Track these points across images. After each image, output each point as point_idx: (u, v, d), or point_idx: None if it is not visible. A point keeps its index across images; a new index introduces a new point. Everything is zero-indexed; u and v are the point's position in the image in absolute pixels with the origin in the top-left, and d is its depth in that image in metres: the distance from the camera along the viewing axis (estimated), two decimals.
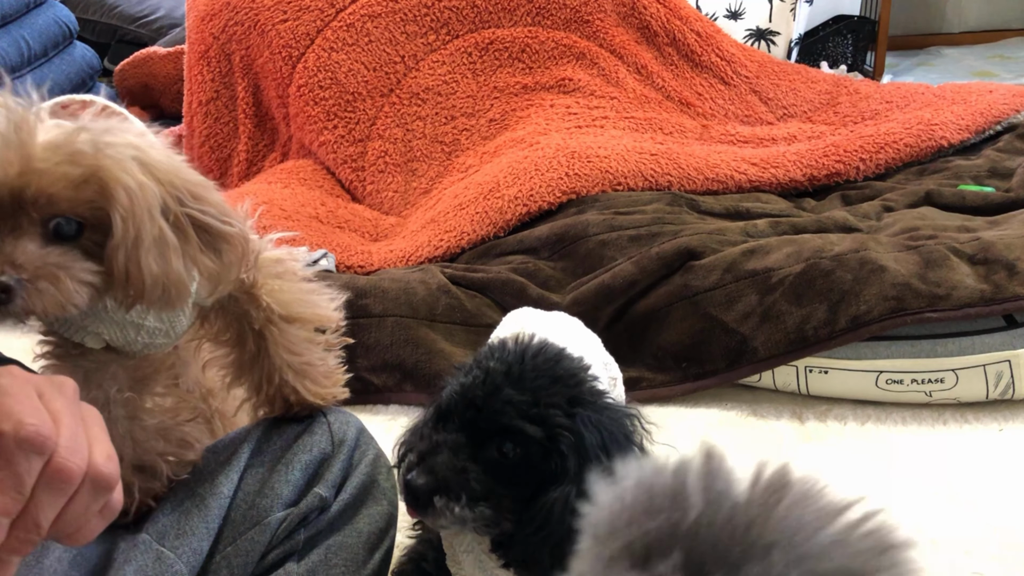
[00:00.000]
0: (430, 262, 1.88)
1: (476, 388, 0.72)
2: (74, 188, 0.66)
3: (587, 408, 0.73)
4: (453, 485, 0.71)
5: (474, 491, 0.71)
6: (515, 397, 0.71)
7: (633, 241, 1.73)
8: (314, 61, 2.34)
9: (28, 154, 0.65)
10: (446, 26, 2.43)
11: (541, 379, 0.72)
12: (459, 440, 0.72)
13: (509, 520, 0.73)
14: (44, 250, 0.67)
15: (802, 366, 1.53)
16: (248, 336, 0.98)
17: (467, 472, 0.71)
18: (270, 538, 0.84)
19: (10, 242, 0.66)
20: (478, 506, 0.72)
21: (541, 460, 0.71)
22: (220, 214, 0.76)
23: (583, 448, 0.70)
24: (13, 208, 0.66)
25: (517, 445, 0.71)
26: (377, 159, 2.32)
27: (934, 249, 1.58)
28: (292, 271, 0.96)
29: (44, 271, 0.66)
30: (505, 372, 0.72)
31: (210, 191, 0.77)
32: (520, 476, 0.71)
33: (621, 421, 0.75)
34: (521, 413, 0.70)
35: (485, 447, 0.72)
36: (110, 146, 0.68)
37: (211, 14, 2.43)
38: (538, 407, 0.71)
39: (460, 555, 0.85)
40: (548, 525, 0.70)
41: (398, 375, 1.60)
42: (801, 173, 2.09)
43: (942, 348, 1.49)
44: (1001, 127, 2.29)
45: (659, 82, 2.52)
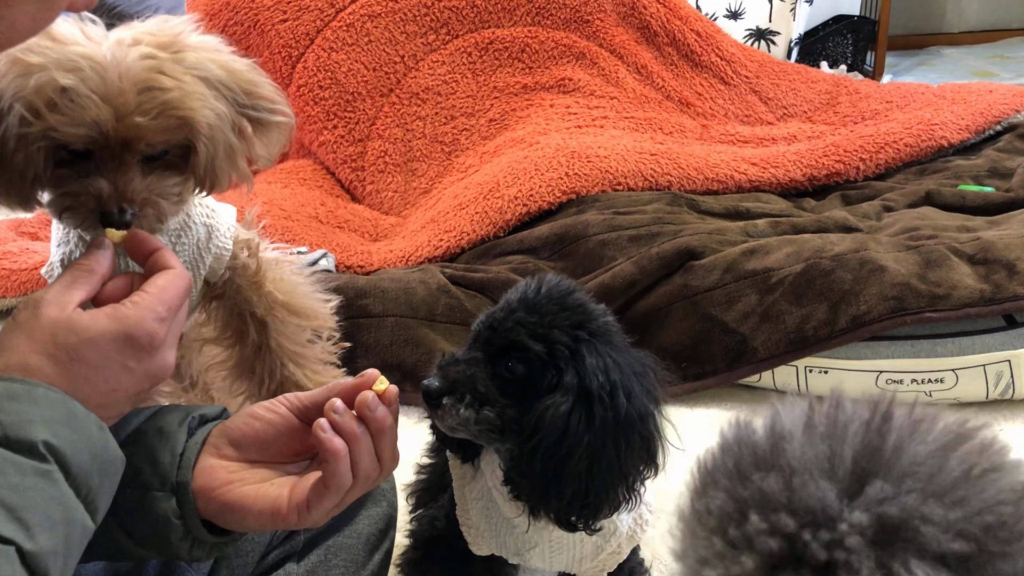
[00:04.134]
0: (430, 262, 1.88)
1: (496, 313, 0.80)
2: (169, 132, 0.80)
3: (596, 337, 0.79)
4: (460, 387, 0.78)
5: (479, 393, 0.78)
6: (525, 319, 0.78)
7: (633, 241, 1.73)
8: (314, 61, 2.34)
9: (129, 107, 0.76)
10: (446, 26, 2.43)
11: (551, 305, 0.79)
12: (476, 356, 0.79)
13: (512, 431, 0.79)
14: (145, 182, 0.80)
15: (802, 366, 1.53)
16: (250, 328, 1.02)
17: (475, 378, 0.78)
18: (270, 539, 0.84)
19: (120, 178, 0.79)
20: (483, 409, 0.78)
21: (542, 375, 0.77)
22: (270, 104, 0.91)
23: (582, 368, 0.76)
24: (118, 148, 0.78)
25: (521, 361, 0.77)
26: (377, 159, 2.32)
27: (934, 249, 1.58)
28: (291, 268, 1.03)
29: (148, 200, 0.80)
30: (520, 299, 0.80)
31: (261, 84, 0.91)
32: (525, 392, 0.78)
33: (630, 357, 0.80)
34: (528, 332, 0.77)
35: (496, 363, 0.79)
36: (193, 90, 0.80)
37: (211, 14, 2.43)
38: (543, 327, 0.77)
39: (469, 503, 0.89)
40: (540, 431, 0.76)
41: (398, 375, 1.60)
42: (801, 173, 2.09)
43: (942, 348, 1.49)
44: (1001, 127, 2.29)
45: (659, 82, 2.52)
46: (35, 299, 0.63)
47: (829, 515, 0.40)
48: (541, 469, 0.77)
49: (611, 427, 0.76)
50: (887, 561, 0.38)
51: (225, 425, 0.70)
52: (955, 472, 0.41)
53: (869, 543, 0.39)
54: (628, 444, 0.77)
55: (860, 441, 0.42)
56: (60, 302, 0.63)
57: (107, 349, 0.61)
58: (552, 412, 0.76)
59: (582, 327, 0.79)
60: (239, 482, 0.67)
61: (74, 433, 0.57)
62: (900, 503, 0.39)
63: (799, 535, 0.40)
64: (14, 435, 0.55)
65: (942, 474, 0.40)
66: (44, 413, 0.56)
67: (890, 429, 0.42)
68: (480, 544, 0.91)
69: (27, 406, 0.56)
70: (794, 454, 0.43)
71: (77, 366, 0.60)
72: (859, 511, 0.39)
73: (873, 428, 0.42)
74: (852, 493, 0.40)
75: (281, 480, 0.68)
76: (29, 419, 0.55)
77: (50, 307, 0.62)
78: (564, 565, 0.92)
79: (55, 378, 0.59)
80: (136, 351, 0.62)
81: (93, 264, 0.67)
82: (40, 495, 0.54)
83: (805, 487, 0.41)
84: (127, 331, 0.62)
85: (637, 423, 0.77)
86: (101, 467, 0.59)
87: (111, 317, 0.62)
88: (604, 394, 0.76)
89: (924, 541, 0.38)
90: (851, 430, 0.43)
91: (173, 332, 0.66)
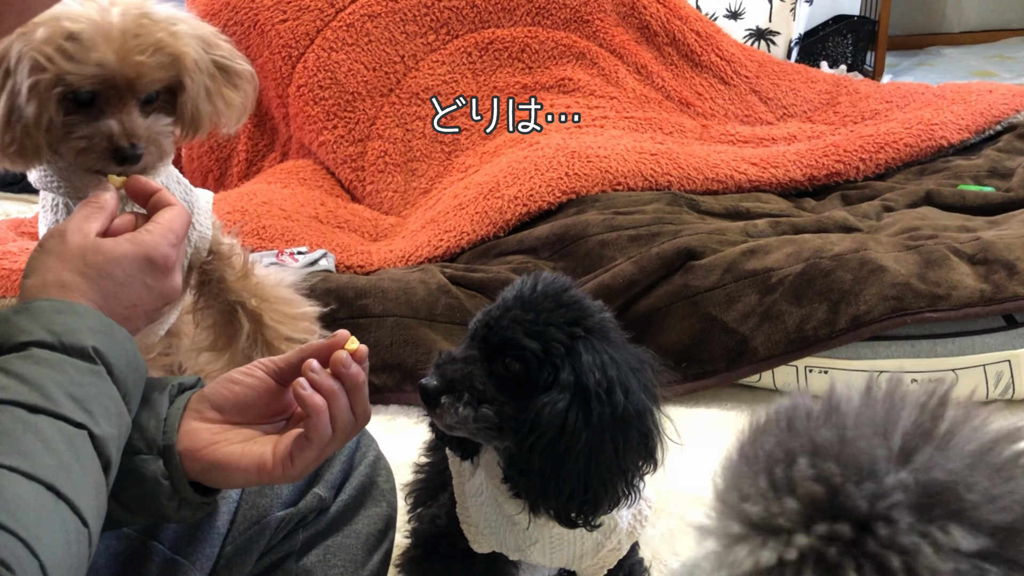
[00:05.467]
0: (430, 262, 1.88)
1: (492, 311, 0.81)
2: (164, 69, 0.90)
3: (592, 334, 0.79)
4: (458, 386, 0.79)
5: (477, 391, 0.79)
6: (521, 316, 0.78)
7: (633, 241, 1.73)
8: (314, 61, 2.34)
9: (129, 48, 0.86)
10: (446, 26, 2.43)
11: (547, 303, 0.79)
12: (473, 354, 0.80)
13: (511, 429, 0.79)
14: (146, 121, 0.91)
15: (802, 366, 1.53)
16: (244, 322, 1.04)
17: (472, 376, 0.79)
18: (269, 538, 0.84)
19: (125, 118, 0.89)
20: (481, 407, 0.79)
21: (539, 373, 0.78)
22: (232, 55, 1.00)
23: (579, 365, 0.77)
24: (123, 90, 0.88)
25: (517, 359, 0.78)
26: (377, 159, 2.32)
27: (934, 249, 1.58)
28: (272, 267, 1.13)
29: (151, 138, 0.91)
30: (516, 296, 0.80)
31: (219, 37, 1.00)
32: (522, 389, 0.78)
33: (627, 353, 0.80)
34: (524, 330, 0.78)
35: (493, 361, 0.79)
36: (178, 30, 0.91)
37: (211, 14, 2.43)
38: (539, 325, 0.78)
39: (469, 500, 0.90)
40: (538, 428, 0.76)
41: (398, 375, 1.60)
42: (801, 173, 2.09)
43: (942, 348, 1.49)
44: (1001, 127, 2.29)
45: (659, 82, 2.52)
46: (59, 229, 0.71)
47: (876, 471, 0.40)
48: (540, 467, 0.77)
49: (608, 424, 0.76)
50: (926, 523, 0.39)
51: (204, 391, 0.73)
52: (1005, 454, 0.41)
53: (912, 505, 0.39)
54: (626, 440, 0.77)
55: (915, 418, 0.43)
56: (82, 231, 0.71)
57: (130, 268, 0.70)
58: (549, 409, 0.76)
59: (578, 324, 0.79)
60: (224, 442, 0.70)
61: (113, 341, 0.65)
62: (947, 469, 0.40)
63: (843, 486, 0.40)
64: (69, 342, 0.62)
65: (992, 454, 0.41)
66: (88, 323, 0.64)
67: (944, 414, 0.43)
68: (480, 542, 0.91)
69: (73, 318, 0.64)
70: (850, 414, 0.43)
71: (105, 282, 0.69)
72: (906, 472, 0.40)
73: (928, 409, 0.43)
74: (901, 458, 0.41)
75: (263, 438, 0.71)
76: (77, 328, 0.63)
77: (75, 235, 0.71)
78: (565, 561, 0.92)
79: (88, 291, 0.68)
80: (154, 271, 0.72)
81: (103, 202, 0.75)
82: (98, 390, 0.62)
83: (857, 442, 0.42)
84: (147, 253, 0.71)
85: (635, 419, 0.77)
86: (133, 373, 0.67)
87: (131, 241, 0.71)
88: (601, 391, 0.76)
89: (965, 508, 0.39)
90: (908, 405, 0.44)
91: (180, 259, 0.75)
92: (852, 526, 0.40)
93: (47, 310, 0.64)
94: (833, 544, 0.40)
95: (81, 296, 0.67)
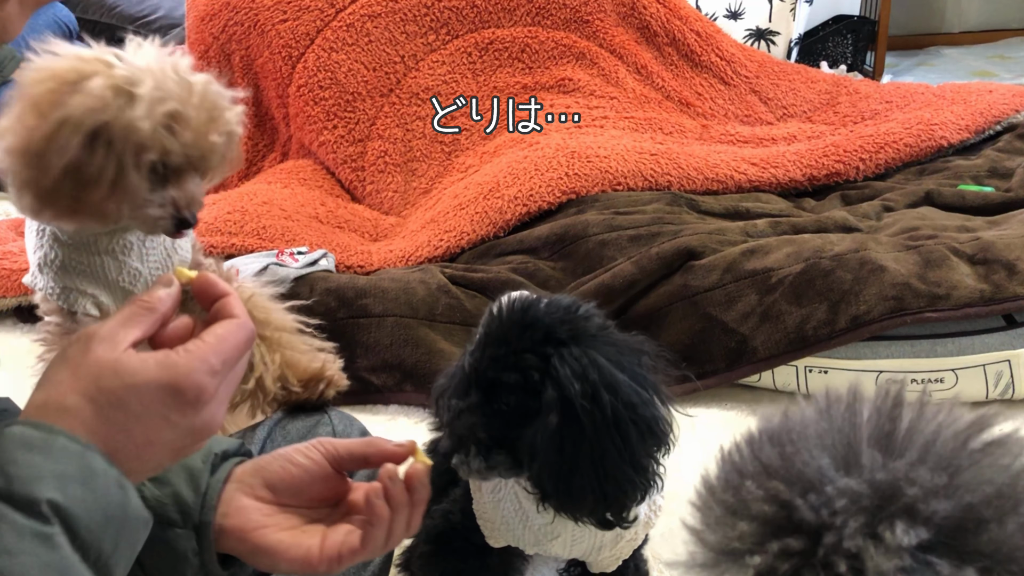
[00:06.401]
0: (430, 262, 1.88)
1: (475, 352, 0.80)
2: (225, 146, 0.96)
3: (565, 345, 0.78)
4: (464, 443, 0.79)
5: (483, 442, 0.78)
6: (496, 352, 0.78)
7: (633, 241, 1.73)
8: (314, 61, 2.34)
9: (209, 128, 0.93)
10: (446, 26, 2.43)
11: (513, 330, 0.78)
12: (473, 401, 0.79)
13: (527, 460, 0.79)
14: (199, 187, 0.96)
15: (802, 366, 1.53)
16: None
17: (475, 427, 0.78)
18: None
19: (190, 188, 0.95)
20: (491, 455, 0.79)
21: (528, 401, 0.78)
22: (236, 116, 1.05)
23: (557, 381, 0.76)
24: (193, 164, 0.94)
25: (509, 394, 0.78)
26: (377, 159, 2.32)
27: (934, 249, 1.58)
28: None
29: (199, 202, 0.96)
30: (486, 333, 0.80)
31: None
32: (523, 420, 0.78)
33: (608, 349, 0.79)
34: (500, 366, 0.78)
35: (493, 401, 0.79)
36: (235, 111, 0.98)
37: (211, 14, 2.43)
38: (512, 355, 0.77)
39: (486, 497, 0.91)
40: (538, 454, 0.77)
41: (398, 375, 1.60)
42: (801, 173, 2.09)
43: (942, 348, 1.49)
44: (1001, 127, 2.29)
45: (659, 82, 2.52)
46: (88, 333, 0.60)
47: (821, 482, 0.41)
48: (554, 488, 0.78)
49: (603, 427, 0.75)
50: (876, 524, 0.39)
51: (259, 466, 0.71)
52: (951, 444, 0.42)
53: (862, 509, 0.40)
54: (625, 437, 0.76)
55: (874, 424, 0.44)
56: (113, 340, 0.59)
57: (150, 399, 0.58)
58: (542, 433, 0.76)
59: (548, 341, 0.78)
60: (273, 527, 0.68)
61: (88, 491, 0.54)
62: (889, 468, 0.41)
63: (792, 501, 0.41)
64: (19, 491, 0.51)
65: (937, 445, 0.42)
66: (57, 467, 0.53)
67: (901, 415, 0.44)
68: (497, 537, 0.92)
69: (40, 458, 0.53)
70: (796, 430, 0.44)
71: (116, 413, 0.57)
72: (851, 478, 0.41)
73: (885, 413, 0.44)
74: (847, 465, 0.42)
75: (311, 528, 0.69)
76: (39, 474, 0.52)
77: (101, 344, 0.59)
78: (583, 552, 0.92)
79: (91, 422, 0.56)
80: (181, 404, 0.58)
81: (155, 302, 0.62)
82: (32, 561, 0.50)
83: (799, 456, 0.42)
84: (174, 382, 0.58)
85: (629, 414, 0.76)
86: (118, 528, 0.55)
87: (160, 364, 0.58)
88: (586, 400, 0.75)
89: (911, 504, 0.39)
90: (866, 412, 0.44)
91: (226, 387, 0.62)
92: (805, 538, 0.40)
93: (16, 441, 0.53)
94: (788, 559, 0.40)
95: (81, 427, 0.56)
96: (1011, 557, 0.39)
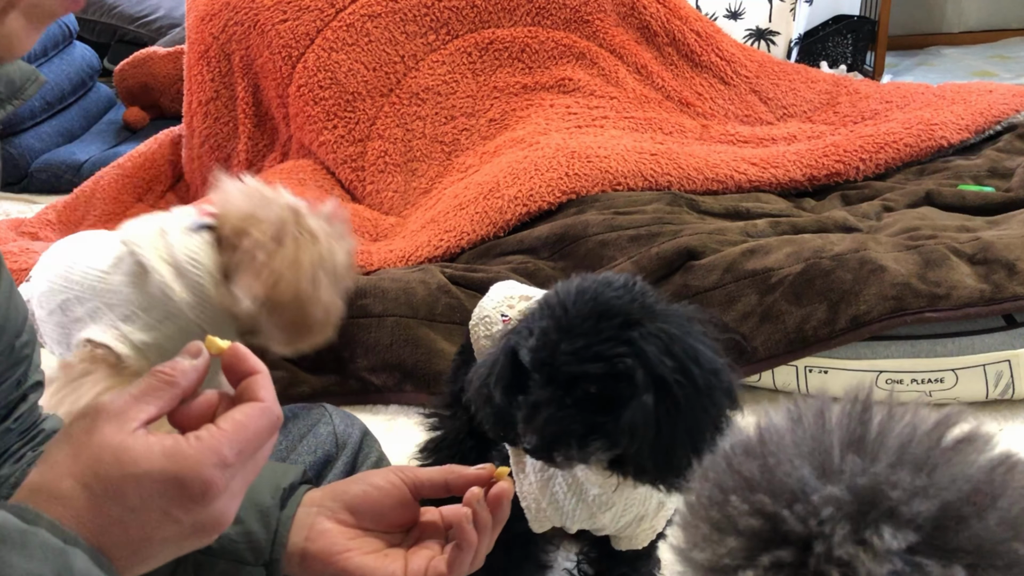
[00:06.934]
0: (430, 262, 1.88)
1: (540, 350, 0.79)
2: None
3: (642, 324, 0.79)
4: (561, 437, 0.78)
5: (579, 433, 0.78)
6: (570, 347, 0.77)
7: (633, 241, 1.73)
8: (314, 61, 2.34)
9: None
10: (446, 26, 2.43)
11: (587, 321, 0.78)
12: (551, 394, 0.79)
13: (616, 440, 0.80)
14: None
15: (802, 366, 1.53)
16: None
17: (565, 420, 0.78)
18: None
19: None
20: (590, 442, 0.79)
21: (616, 387, 0.78)
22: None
23: (647, 362, 0.77)
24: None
25: (591, 383, 0.77)
26: (377, 159, 2.32)
27: (934, 249, 1.58)
28: None
29: None
30: (556, 327, 0.79)
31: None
32: (611, 403, 0.79)
33: (675, 320, 0.81)
34: (580, 358, 0.77)
35: (572, 390, 0.78)
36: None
37: (211, 14, 2.43)
38: (591, 347, 0.77)
39: (532, 477, 0.91)
40: (637, 435, 0.77)
41: (398, 375, 1.60)
42: (801, 173, 2.09)
43: (942, 348, 1.49)
44: (1001, 127, 2.29)
45: (659, 82, 2.52)
46: (98, 408, 0.55)
47: (805, 492, 0.41)
48: (654, 463, 0.79)
49: (695, 397, 0.77)
50: (862, 529, 0.39)
51: (340, 490, 0.71)
52: (925, 444, 0.42)
53: (846, 515, 0.40)
54: (715, 402, 0.78)
55: (844, 429, 0.44)
56: (122, 418, 0.54)
57: (150, 492, 0.52)
58: (641, 415, 0.77)
59: (627, 326, 0.78)
60: (357, 551, 0.67)
61: None
62: (870, 472, 0.41)
63: (778, 513, 0.41)
64: None
65: (912, 445, 0.42)
66: (30, 567, 0.48)
67: (871, 418, 0.44)
68: (542, 520, 0.92)
69: (14, 555, 0.47)
70: (772, 442, 0.44)
71: (112, 505, 0.52)
72: (833, 485, 0.41)
73: (855, 417, 0.44)
74: (828, 473, 0.42)
75: (393, 552, 0.69)
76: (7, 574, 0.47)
77: (109, 423, 0.53)
78: (628, 523, 0.93)
79: (83, 512, 0.51)
80: (184, 500, 0.53)
81: (177, 376, 0.56)
82: None
83: (781, 467, 0.42)
84: (178, 475, 0.53)
85: (715, 380, 0.78)
86: None
87: (166, 454, 0.53)
88: (678, 376, 0.77)
89: (894, 507, 0.39)
90: (835, 418, 0.45)
91: (241, 480, 0.56)
92: (795, 549, 0.40)
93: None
94: (780, 571, 0.40)
95: (71, 517, 0.51)
96: (994, 551, 0.39)
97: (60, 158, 2.74)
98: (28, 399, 0.75)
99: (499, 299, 1.07)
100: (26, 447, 0.75)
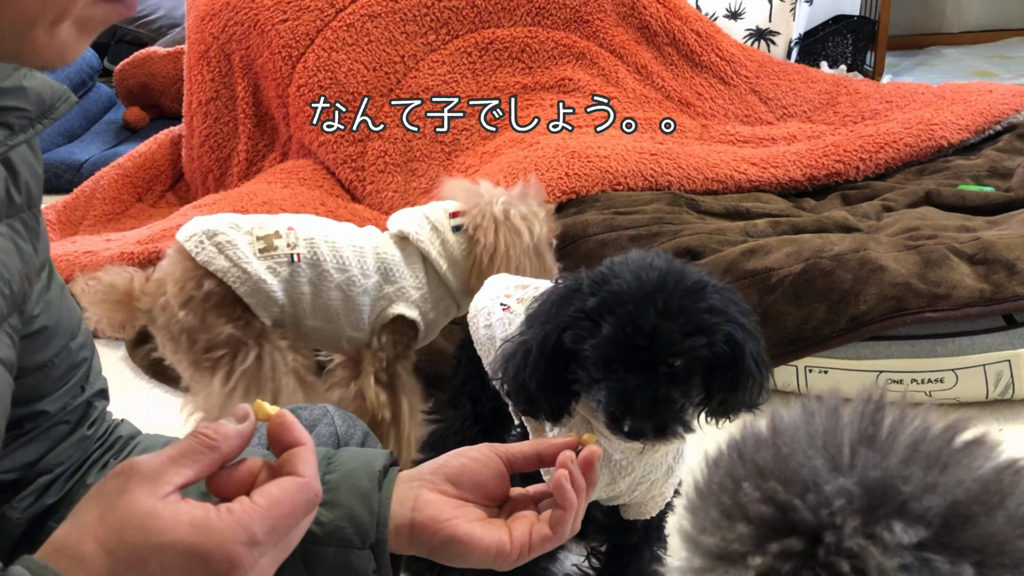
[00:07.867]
0: None
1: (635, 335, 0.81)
2: None
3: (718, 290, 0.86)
4: (672, 415, 0.83)
5: (683, 404, 0.84)
6: (673, 326, 0.81)
7: (633, 241, 1.73)
8: (314, 61, 2.34)
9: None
10: (446, 26, 2.43)
11: (683, 299, 0.82)
12: (643, 379, 0.82)
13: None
14: None
15: (802, 366, 1.53)
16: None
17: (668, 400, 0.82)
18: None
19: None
20: (690, 409, 0.85)
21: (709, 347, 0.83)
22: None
23: (736, 322, 0.84)
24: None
25: (677, 356, 0.82)
26: (377, 159, 2.32)
27: (934, 249, 1.58)
28: None
29: None
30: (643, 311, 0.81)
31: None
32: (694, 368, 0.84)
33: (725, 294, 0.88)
34: (685, 334, 0.81)
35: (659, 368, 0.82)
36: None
37: (211, 14, 2.43)
38: (691, 322, 0.81)
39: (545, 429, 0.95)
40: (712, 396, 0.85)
41: None
42: (801, 173, 2.09)
43: (942, 348, 1.49)
44: (1001, 127, 2.29)
45: (659, 82, 2.52)
46: (132, 466, 0.53)
47: (818, 482, 0.42)
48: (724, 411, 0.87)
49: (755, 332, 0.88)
50: (873, 524, 0.40)
51: (439, 464, 0.72)
52: (936, 443, 0.43)
53: (857, 508, 0.40)
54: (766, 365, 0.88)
55: (856, 425, 0.44)
56: (156, 480, 0.52)
57: (173, 564, 0.51)
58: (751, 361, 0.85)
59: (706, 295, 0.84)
60: (463, 518, 0.69)
61: None
62: (883, 467, 0.41)
63: (789, 502, 0.41)
64: None
65: (926, 445, 0.42)
66: None
67: (883, 417, 0.44)
68: None
69: None
70: (788, 432, 0.45)
71: (131, 573, 0.50)
72: (845, 478, 0.41)
73: (868, 415, 0.45)
74: (841, 465, 0.42)
75: (496, 521, 0.71)
76: None
77: (141, 486, 0.52)
78: (642, 489, 0.96)
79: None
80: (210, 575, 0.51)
81: (219, 440, 0.55)
82: None
83: (794, 457, 0.43)
84: (204, 550, 0.51)
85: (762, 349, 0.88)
86: None
87: (194, 525, 0.51)
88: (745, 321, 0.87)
89: (905, 501, 0.40)
90: (848, 414, 0.45)
91: (271, 559, 0.54)
92: (804, 539, 0.41)
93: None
94: (788, 560, 0.41)
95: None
96: (1002, 550, 0.39)
97: (60, 158, 2.74)
98: (95, 406, 0.76)
99: (496, 292, 1.08)
100: (107, 454, 0.76)
